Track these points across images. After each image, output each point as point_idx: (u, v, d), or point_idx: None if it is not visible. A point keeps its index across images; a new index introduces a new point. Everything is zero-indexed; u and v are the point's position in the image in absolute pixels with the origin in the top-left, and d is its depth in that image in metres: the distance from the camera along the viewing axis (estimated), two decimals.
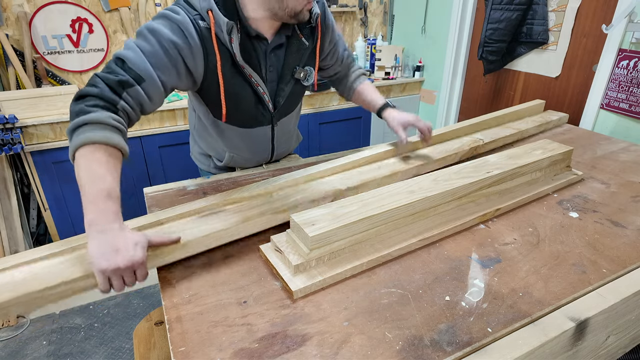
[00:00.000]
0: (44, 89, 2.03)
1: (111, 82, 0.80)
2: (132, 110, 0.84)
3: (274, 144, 1.21)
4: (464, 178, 0.94)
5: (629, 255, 0.81)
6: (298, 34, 1.03)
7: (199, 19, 0.88)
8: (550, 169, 1.09)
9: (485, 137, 1.31)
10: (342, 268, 0.76)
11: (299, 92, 1.15)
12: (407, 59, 3.15)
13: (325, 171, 1.05)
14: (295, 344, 0.62)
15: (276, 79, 1.06)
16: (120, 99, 0.80)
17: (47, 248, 0.74)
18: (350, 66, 1.29)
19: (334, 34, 1.15)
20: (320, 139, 2.79)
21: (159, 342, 1.03)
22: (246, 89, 1.02)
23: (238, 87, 1.00)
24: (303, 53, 1.07)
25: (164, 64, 0.87)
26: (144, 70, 0.83)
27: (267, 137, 1.18)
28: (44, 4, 2.16)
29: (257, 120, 1.11)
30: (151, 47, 0.85)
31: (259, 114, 1.09)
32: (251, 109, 1.06)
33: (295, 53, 1.05)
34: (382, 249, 0.81)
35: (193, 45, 0.88)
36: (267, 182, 0.98)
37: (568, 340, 0.65)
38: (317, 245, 0.75)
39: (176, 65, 0.89)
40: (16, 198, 2.06)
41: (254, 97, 1.04)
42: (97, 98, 0.77)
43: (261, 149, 1.20)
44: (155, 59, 0.85)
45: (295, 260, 0.75)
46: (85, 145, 0.73)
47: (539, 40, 2.24)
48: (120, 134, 0.78)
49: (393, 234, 0.85)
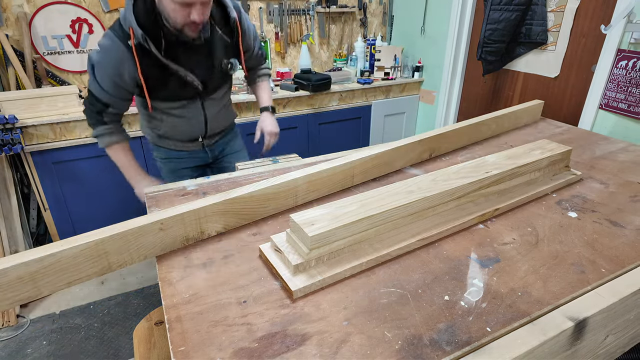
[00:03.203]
0: (44, 89, 2.03)
1: (92, 110, 1.35)
2: (114, 120, 1.40)
3: (205, 114, 1.52)
4: (462, 178, 0.94)
5: (627, 255, 0.82)
6: (219, 33, 1.39)
7: (127, 39, 1.22)
8: (549, 169, 1.09)
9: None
10: (341, 268, 0.76)
11: (226, 77, 1.53)
12: (406, 60, 3.15)
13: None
14: (295, 343, 0.62)
15: (206, 73, 1.41)
16: (102, 117, 1.36)
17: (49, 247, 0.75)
18: (261, 61, 1.69)
19: (251, 34, 1.52)
20: (319, 139, 2.79)
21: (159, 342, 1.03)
22: (174, 79, 1.35)
23: (166, 79, 1.34)
24: (228, 48, 1.44)
25: (113, 86, 1.30)
26: (105, 98, 1.32)
27: (199, 109, 1.49)
28: (43, 4, 2.16)
29: (185, 96, 1.43)
30: (101, 74, 1.28)
31: (187, 92, 1.41)
32: (179, 90, 1.39)
33: (221, 48, 1.41)
34: (381, 248, 0.81)
35: (126, 60, 1.25)
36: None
37: (567, 339, 0.65)
38: (316, 245, 0.75)
39: (121, 81, 1.29)
40: (16, 198, 2.06)
41: (181, 83, 1.36)
42: (91, 117, 1.37)
43: (194, 120, 1.50)
44: (107, 86, 1.29)
45: (294, 260, 0.75)
46: (106, 148, 1.42)
47: (538, 40, 2.24)
48: (115, 133, 1.41)
49: (392, 234, 0.85)
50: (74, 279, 0.74)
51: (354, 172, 1.09)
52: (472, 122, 1.38)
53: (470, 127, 1.37)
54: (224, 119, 1.63)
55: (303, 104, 2.67)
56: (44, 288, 0.72)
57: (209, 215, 0.87)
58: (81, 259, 0.74)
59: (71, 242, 0.73)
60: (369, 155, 1.10)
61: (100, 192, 2.19)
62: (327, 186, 1.05)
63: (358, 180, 1.11)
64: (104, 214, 2.25)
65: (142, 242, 0.79)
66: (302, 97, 2.64)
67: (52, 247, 0.73)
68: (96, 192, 2.18)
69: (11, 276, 0.68)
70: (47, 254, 0.70)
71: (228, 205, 0.89)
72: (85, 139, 2.05)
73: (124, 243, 0.77)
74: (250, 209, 0.93)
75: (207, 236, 0.88)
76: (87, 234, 0.75)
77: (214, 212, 0.87)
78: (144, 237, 0.79)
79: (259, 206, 0.94)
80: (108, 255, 0.76)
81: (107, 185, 2.19)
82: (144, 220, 0.80)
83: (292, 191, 0.98)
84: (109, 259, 0.77)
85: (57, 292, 1.72)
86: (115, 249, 0.77)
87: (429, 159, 1.29)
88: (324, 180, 1.04)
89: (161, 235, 0.81)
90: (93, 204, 2.20)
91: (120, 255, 0.78)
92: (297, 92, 2.63)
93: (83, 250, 0.73)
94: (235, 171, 1.24)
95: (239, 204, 0.91)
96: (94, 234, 0.76)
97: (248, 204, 0.92)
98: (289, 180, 0.97)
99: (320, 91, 2.65)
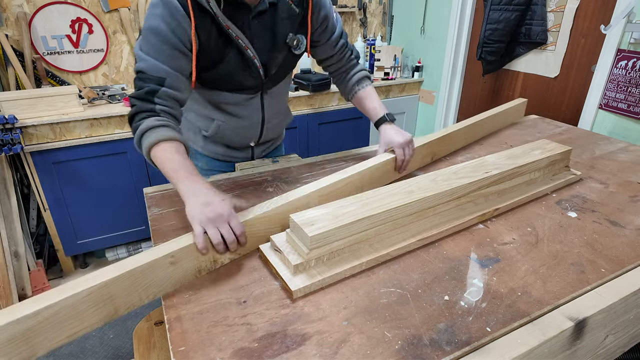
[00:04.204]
0: (44, 90, 2.02)
1: (142, 96, 0.92)
2: (171, 107, 0.94)
3: (264, 114, 1.20)
4: (462, 178, 0.95)
5: (627, 255, 0.82)
6: (288, 1, 1.04)
7: None
8: (548, 169, 1.09)
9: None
10: (341, 268, 0.76)
11: (290, 60, 1.16)
12: (406, 60, 3.15)
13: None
14: (295, 343, 0.62)
15: (268, 47, 1.07)
16: (154, 104, 0.92)
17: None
18: (350, 62, 1.25)
19: (328, 11, 1.14)
20: (319, 139, 2.79)
21: (159, 342, 1.03)
22: (233, 53, 1.03)
23: (222, 50, 1.01)
24: (294, 20, 1.08)
25: (170, 55, 0.94)
26: (159, 71, 0.93)
27: (257, 107, 1.17)
28: (43, 4, 2.16)
29: (245, 86, 1.10)
30: (153, 46, 0.92)
31: (249, 78, 1.09)
32: (238, 73, 1.06)
33: (285, 19, 1.06)
34: (381, 248, 0.81)
35: (183, 22, 0.93)
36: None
37: (567, 339, 0.65)
38: (316, 245, 0.75)
39: (179, 48, 0.94)
40: (16, 198, 2.06)
41: (241, 62, 1.05)
42: (138, 114, 0.92)
43: (250, 120, 1.19)
44: (162, 55, 0.93)
45: (294, 260, 0.75)
46: (152, 148, 0.88)
47: (538, 40, 2.24)
48: (168, 128, 0.91)
49: (392, 234, 0.85)
50: (75, 331, 0.64)
51: (363, 182, 1.05)
52: (468, 122, 1.39)
53: (467, 127, 1.38)
54: (281, 122, 1.32)
55: (303, 104, 2.67)
56: (39, 347, 0.61)
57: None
58: (83, 306, 0.63)
59: (71, 289, 0.63)
60: (374, 165, 1.07)
61: (100, 192, 2.19)
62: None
63: (367, 190, 1.08)
64: (104, 214, 2.25)
65: (152, 278, 0.71)
66: (302, 97, 2.64)
67: (49, 296, 0.61)
68: (96, 192, 2.18)
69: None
70: (43, 306, 0.59)
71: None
72: (85, 139, 2.05)
73: (131, 283, 0.68)
74: (266, 230, 0.86)
75: (219, 265, 0.80)
76: (88, 277, 0.65)
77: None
78: (153, 273, 0.70)
79: (273, 225, 0.87)
80: (114, 299, 0.67)
81: (107, 186, 2.19)
82: (152, 255, 0.71)
83: (304, 207, 0.89)
84: (115, 302, 0.67)
85: None
86: (122, 290, 0.67)
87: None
88: (337, 194, 0.98)
89: (171, 270, 0.73)
90: (93, 204, 2.20)
91: (127, 297, 0.69)
92: (297, 92, 2.63)
93: (85, 297, 0.63)
94: (235, 171, 1.24)
95: (253, 226, 0.83)
96: (96, 275, 0.66)
97: (263, 224, 0.85)
98: (301, 196, 0.90)
99: (320, 91, 2.65)
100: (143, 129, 0.89)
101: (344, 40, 1.21)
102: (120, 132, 2.12)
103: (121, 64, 2.48)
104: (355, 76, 1.24)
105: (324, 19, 1.14)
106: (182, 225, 0.94)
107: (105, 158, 2.13)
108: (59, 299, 0.61)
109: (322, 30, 1.15)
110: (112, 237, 2.32)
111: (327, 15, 1.14)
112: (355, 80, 1.23)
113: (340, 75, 1.27)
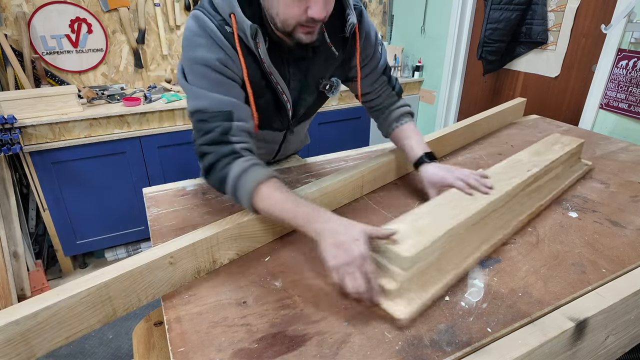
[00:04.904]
0: (43, 89, 2.02)
1: (216, 140, 0.82)
2: (247, 142, 0.86)
3: (281, 147, 1.18)
4: (512, 178, 0.91)
5: (628, 255, 0.81)
6: (327, 43, 0.93)
7: (224, 25, 0.83)
8: (568, 161, 1.10)
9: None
10: (434, 286, 0.70)
11: (320, 101, 1.10)
12: (406, 59, 3.15)
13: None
14: (295, 344, 0.61)
15: (298, 88, 0.99)
16: (232, 144, 0.83)
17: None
18: (391, 97, 1.13)
19: (369, 44, 1.03)
20: (319, 139, 2.78)
21: (158, 343, 1.03)
22: (269, 96, 0.96)
23: (264, 94, 0.94)
24: (331, 64, 0.99)
25: (226, 85, 0.86)
26: (224, 105, 0.83)
27: (277, 140, 1.14)
28: (42, 4, 2.16)
29: (273, 127, 1.05)
30: (206, 78, 0.84)
31: (277, 120, 1.03)
32: (268, 114, 0.99)
33: (322, 63, 0.98)
34: (460, 260, 0.76)
35: (229, 52, 0.85)
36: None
37: (567, 340, 0.65)
38: (410, 265, 0.68)
39: (232, 77, 0.86)
40: (15, 198, 2.06)
41: (274, 104, 0.98)
42: (219, 161, 0.82)
43: (267, 150, 1.17)
44: (218, 86, 0.84)
45: (389, 285, 0.68)
46: (253, 195, 0.78)
47: (538, 40, 2.24)
48: (259, 166, 0.82)
49: (464, 244, 0.79)
50: (74, 332, 0.65)
51: (363, 182, 1.05)
52: (467, 122, 1.39)
53: (466, 127, 1.38)
54: (297, 147, 1.32)
55: None
56: (38, 348, 0.61)
57: (221, 242, 0.79)
58: (82, 307, 0.64)
59: (69, 290, 0.63)
60: (375, 165, 1.07)
61: (99, 193, 2.19)
62: (337, 199, 1.01)
63: (367, 189, 1.08)
64: (103, 215, 2.24)
65: (151, 279, 0.71)
66: None
67: (48, 297, 0.62)
68: (95, 193, 2.18)
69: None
70: (42, 307, 0.60)
71: (242, 229, 0.82)
72: (84, 139, 2.04)
73: (130, 284, 0.68)
74: (264, 230, 0.86)
75: (219, 265, 0.81)
76: (86, 278, 0.66)
77: (227, 237, 0.80)
78: (152, 274, 0.70)
79: (272, 226, 0.87)
80: (112, 300, 0.68)
81: (106, 186, 2.19)
82: (151, 256, 0.71)
83: None
84: (113, 303, 0.68)
85: None
86: (121, 291, 0.68)
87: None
88: (335, 193, 0.98)
89: (170, 270, 0.73)
90: (92, 204, 2.19)
91: (126, 298, 0.69)
92: None
93: (84, 298, 0.64)
94: None
95: (251, 227, 0.83)
96: (94, 276, 0.66)
97: (264, 224, 0.85)
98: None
99: None
100: (235, 176, 0.79)
101: (386, 77, 1.11)
102: (119, 132, 2.12)
103: (120, 64, 2.47)
104: (396, 112, 1.12)
105: (366, 57, 1.04)
106: (181, 225, 0.94)
107: (104, 158, 2.13)
108: (58, 299, 0.61)
109: (362, 65, 1.05)
110: (111, 238, 2.32)
111: (372, 53, 1.05)
112: (395, 117, 1.12)
113: (380, 111, 1.15)
